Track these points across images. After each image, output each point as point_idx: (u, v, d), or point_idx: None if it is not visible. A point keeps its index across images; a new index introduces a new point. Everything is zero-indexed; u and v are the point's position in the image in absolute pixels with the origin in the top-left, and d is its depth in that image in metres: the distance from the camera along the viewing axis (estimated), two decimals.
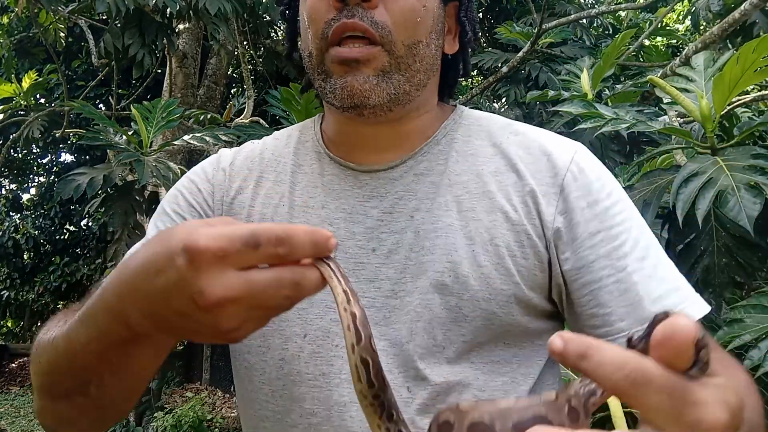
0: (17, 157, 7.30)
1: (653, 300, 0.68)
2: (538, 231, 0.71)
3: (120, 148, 2.08)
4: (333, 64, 0.69)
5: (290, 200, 0.78)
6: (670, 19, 5.30)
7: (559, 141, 0.77)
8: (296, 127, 0.88)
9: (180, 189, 0.82)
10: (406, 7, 0.69)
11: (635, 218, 0.73)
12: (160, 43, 3.47)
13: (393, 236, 0.74)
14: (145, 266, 0.47)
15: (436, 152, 0.77)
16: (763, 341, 1.03)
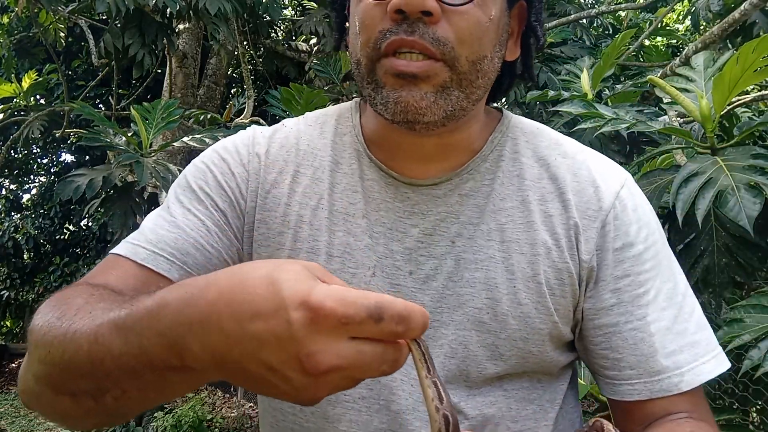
0: (17, 157, 7.30)
1: (667, 354, 0.67)
2: (577, 268, 0.69)
3: (120, 149, 2.08)
4: (387, 75, 0.63)
5: (330, 204, 0.73)
6: (670, 19, 5.30)
7: (608, 170, 0.73)
8: (331, 112, 0.80)
9: (209, 165, 0.75)
10: (471, 21, 0.62)
11: (665, 263, 0.71)
12: (160, 43, 3.46)
13: (432, 261, 0.70)
14: (234, 304, 0.42)
15: (483, 170, 0.72)
16: (763, 341, 1.03)
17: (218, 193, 0.74)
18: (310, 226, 0.72)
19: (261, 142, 0.77)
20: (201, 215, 0.72)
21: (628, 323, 0.68)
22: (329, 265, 0.71)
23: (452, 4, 0.60)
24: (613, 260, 0.69)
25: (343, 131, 0.77)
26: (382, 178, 0.73)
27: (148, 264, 0.68)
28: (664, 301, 0.69)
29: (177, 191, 0.75)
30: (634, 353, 0.67)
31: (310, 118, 0.80)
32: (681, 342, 0.68)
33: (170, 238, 0.69)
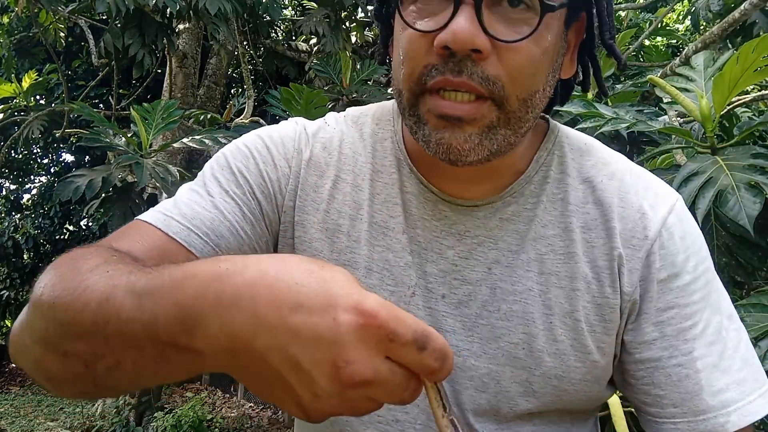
0: (17, 157, 7.30)
1: (713, 392, 0.63)
2: (618, 302, 0.65)
3: (120, 149, 2.08)
4: (430, 114, 0.59)
5: (369, 215, 0.69)
6: (670, 19, 5.30)
7: (657, 195, 0.68)
8: (371, 113, 0.76)
9: (252, 151, 0.72)
10: (524, 56, 0.56)
11: (714, 295, 0.66)
12: (160, 43, 3.47)
13: (466, 286, 0.67)
14: (276, 289, 0.39)
15: (527, 194, 0.68)
16: (763, 340, 1.02)
17: (257, 181, 0.70)
18: (348, 237, 0.69)
19: (306, 140, 0.73)
20: (238, 200, 0.68)
21: (673, 358, 0.64)
22: (368, 279, 0.68)
23: (505, 41, 0.55)
24: (658, 291, 0.65)
25: (383, 136, 0.73)
26: (421, 193, 0.69)
27: (180, 239, 0.63)
28: (712, 335, 0.65)
29: (215, 168, 0.71)
30: (678, 390, 0.64)
31: (351, 117, 0.76)
32: (728, 380, 0.63)
33: (207, 217, 0.66)
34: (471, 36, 0.53)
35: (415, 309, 0.67)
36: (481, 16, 0.54)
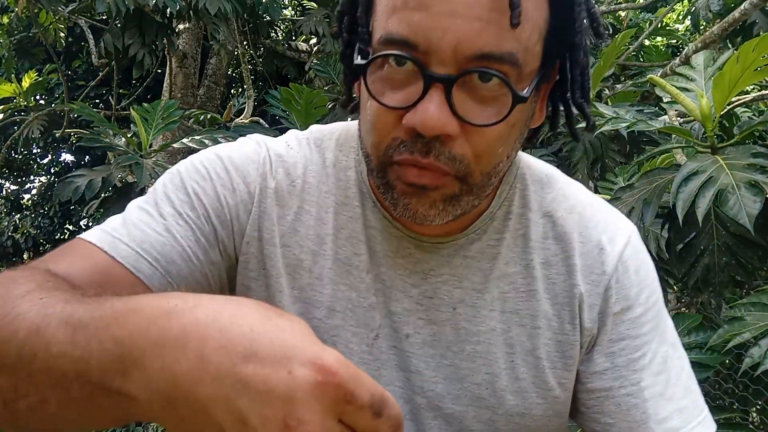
0: (17, 157, 7.30)
1: (659, 420, 0.64)
2: (578, 338, 0.66)
3: (119, 150, 2.08)
4: (398, 181, 0.58)
5: (333, 251, 0.66)
6: (670, 19, 5.30)
7: (613, 228, 0.69)
8: (334, 136, 0.72)
9: (210, 172, 0.67)
10: (492, 137, 0.55)
11: (662, 324, 0.68)
12: (160, 43, 3.47)
13: (431, 326, 0.66)
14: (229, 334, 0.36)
15: (491, 230, 0.67)
16: (763, 339, 1.03)
17: (214, 206, 0.66)
18: (310, 273, 0.66)
19: (270, 165, 0.69)
20: (192, 223, 0.64)
21: (622, 388, 0.65)
22: (330, 320, 0.65)
23: (476, 125, 0.54)
24: (612, 324, 0.66)
25: (347, 164, 0.70)
26: (386, 228, 0.66)
27: (128, 264, 0.59)
28: (659, 365, 0.66)
29: (168, 187, 0.66)
30: (627, 419, 0.65)
31: (314, 140, 0.72)
32: (672, 408, 0.65)
33: (158, 241, 0.61)
34: (441, 124, 0.52)
35: (378, 352, 0.66)
36: (451, 98, 0.52)
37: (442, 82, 0.52)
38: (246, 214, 0.67)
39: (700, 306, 2.01)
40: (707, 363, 1.10)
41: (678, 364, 0.68)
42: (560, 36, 0.58)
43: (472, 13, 0.51)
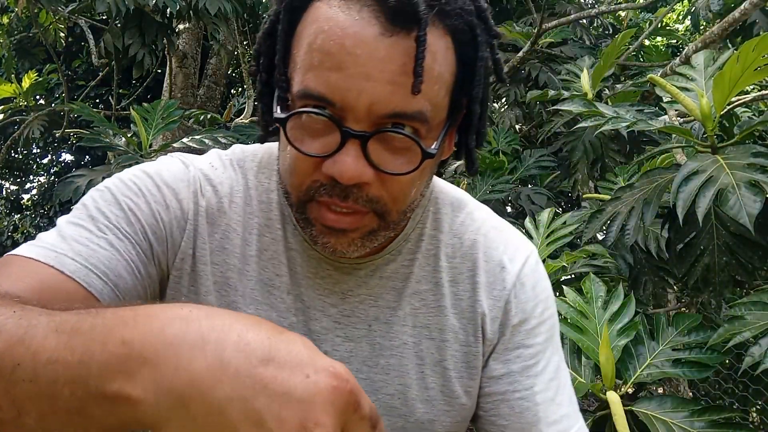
0: (17, 157, 7.30)
1: (549, 423, 0.70)
2: (481, 349, 0.72)
3: (120, 149, 2.08)
4: (317, 221, 0.61)
5: (257, 272, 0.69)
6: (670, 19, 5.30)
7: (514, 247, 0.75)
8: (257, 159, 0.74)
9: (142, 188, 0.67)
10: (405, 182, 0.60)
11: (555, 336, 0.75)
12: (160, 43, 3.47)
13: (348, 343, 0.70)
14: (247, 337, 0.37)
15: (405, 251, 0.72)
16: (763, 338, 1.02)
17: (149, 221, 0.66)
18: (235, 292, 0.68)
19: (200, 184, 0.70)
20: (131, 238, 0.64)
21: (517, 392, 0.71)
22: None
23: (390, 173, 0.58)
24: (509, 334, 0.72)
25: (270, 187, 0.72)
26: (305, 250, 0.70)
27: (78, 278, 0.58)
28: (551, 372, 0.72)
29: (101, 203, 0.65)
30: (520, 421, 0.70)
31: (237, 161, 0.74)
32: (561, 412, 0.71)
33: (104, 256, 0.61)
34: (358, 174, 0.56)
35: None
36: (366, 150, 0.56)
37: (358, 137, 0.56)
38: (180, 231, 0.68)
39: (700, 306, 2.01)
40: (707, 363, 1.10)
41: (565, 375, 0.75)
42: (466, 87, 0.62)
43: (384, 77, 0.55)
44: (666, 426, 1.05)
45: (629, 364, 1.17)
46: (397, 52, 0.55)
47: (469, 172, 0.74)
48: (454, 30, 0.59)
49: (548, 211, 1.69)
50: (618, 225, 1.34)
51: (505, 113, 3.31)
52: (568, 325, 1.22)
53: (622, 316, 1.20)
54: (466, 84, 0.62)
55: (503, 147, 2.80)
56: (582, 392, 1.12)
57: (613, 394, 1.08)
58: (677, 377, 1.12)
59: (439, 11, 0.57)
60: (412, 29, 0.55)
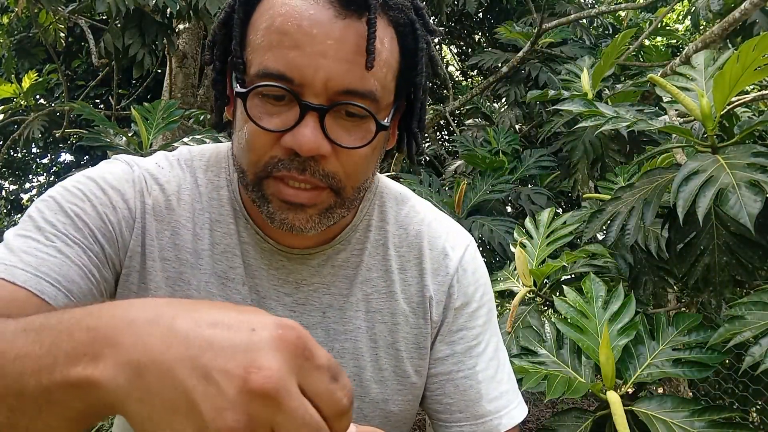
0: (17, 157, 7.30)
1: (490, 400, 0.76)
2: (429, 330, 0.77)
3: (120, 149, 2.08)
4: (274, 197, 0.64)
5: (210, 265, 0.71)
6: (670, 19, 5.30)
7: (455, 236, 0.81)
8: (206, 157, 0.77)
9: (86, 193, 0.68)
10: (359, 158, 0.64)
11: (493, 319, 0.81)
12: (160, 43, 3.46)
13: None
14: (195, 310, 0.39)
15: (354, 241, 0.77)
16: (764, 338, 1.02)
17: (97, 224, 0.67)
18: (189, 286, 0.70)
19: (145, 183, 0.72)
20: (81, 243, 0.65)
21: (460, 372, 0.76)
22: None
23: (345, 147, 0.62)
24: (453, 317, 0.77)
25: (219, 184, 0.75)
26: (258, 243, 0.73)
27: (30, 287, 0.59)
28: (491, 352, 0.78)
29: (46, 213, 0.66)
30: (464, 398, 0.76)
31: (184, 161, 0.76)
32: (500, 389, 0.77)
33: (54, 263, 0.62)
34: (316, 145, 0.60)
35: None
36: (324, 125, 0.60)
37: (316, 110, 0.60)
38: (129, 230, 0.70)
39: (700, 306, 2.01)
40: (707, 362, 1.10)
41: (503, 355, 0.81)
42: (408, 76, 0.68)
43: (339, 55, 0.60)
44: (666, 426, 1.05)
45: (629, 364, 1.17)
46: (351, 34, 0.60)
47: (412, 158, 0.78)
48: (396, 22, 0.65)
49: (548, 211, 1.69)
50: (618, 225, 1.34)
51: (505, 113, 3.31)
52: (568, 325, 1.22)
53: (622, 316, 1.20)
54: (409, 72, 0.68)
55: (503, 147, 2.80)
56: (582, 392, 1.12)
57: (613, 393, 1.08)
58: (677, 377, 1.12)
59: (384, 3, 0.64)
60: (363, 14, 0.60)
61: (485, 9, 4.89)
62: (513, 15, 4.28)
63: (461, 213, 2.37)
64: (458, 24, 5.13)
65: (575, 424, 1.15)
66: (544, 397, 1.11)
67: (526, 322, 1.42)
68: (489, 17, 4.97)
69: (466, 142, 2.95)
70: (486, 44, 4.93)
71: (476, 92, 3.34)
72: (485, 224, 2.24)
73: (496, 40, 3.91)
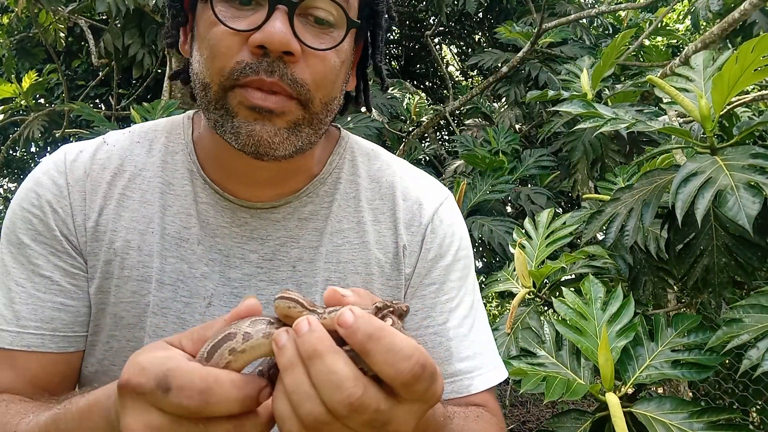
0: (16, 156, 7.30)
1: (461, 359, 0.72)
2: (403, 281, 0.74)
3: None
4: (240, 106, 0.61)
5: (161, 227, 0.70)
6: (670, 19, 5.30)
7: (431, 189, 0.80)
8: (161, 127, 0.77)
9: (30, 210, 0.69)
10: (328, 65, 0.63)
11: (470, 277, 0.78)
12: (160, 43, 3.46)
13: (273, 286, 0.71)
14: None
15: (322, 194, 0.75)
16: (762, 341, 1.02)
17: (51, 236, 0.69)
18: (139, 252, 0.70)
19: (78, 165, 0.71)
20: (46, 272, 0.68)
21: (430, 327, 0.73)
22: (160, 292, 0.69)
23: (315, 48, 0.61)
24: (425, 269, 0.74)
25: (174, 149, 0.74)
26: (218, 202, 0.71)
27: (17, 347, 0.65)
28: (465, 310, 0.75)
29: (12, 251, 0.69)
30: (433, 356, 0.71)
31: (137, 134, 0.77)
32: (474, 349, 0.73)
33: (27, 311, 0.66)
34: (286, 39, 0.58)
35: (211, 319, 0.70)
36: (293, 23, 0.59)
37: (285, 4, 0.58)
38: (73, 225, 0.70)
39: (700, 306, 2.01)
40: (706, 364, 1.10)
41: (482, 317, 0.77)
42: (370, 3, 0.68)
43: None
44: (665, 427, 1.05)
45: (628, 365, 1.17)
46: None
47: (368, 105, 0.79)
48: None
49: (548, 212, 1.69)
50: (617, 225, 1.34)
51: (505, 113, 3.31)
52: (567, 326, 1.22)
53: (621, 317, 1.20)
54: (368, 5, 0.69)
55: (503, 147, 2.80)
56: (581, 393, 1.12)
57: (612, 395, 1.08)
58: (676, 378, 1.12)
59: None
60: None
61: (485, 9, 4.89)
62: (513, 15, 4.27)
63: (461, 213, 2.37)
64: (458, 24, 5.13)
65: (574, 426, 1.16)
66: (544, 399, 1.11)
67: (525, 324, 1.42)
68: (489, 17, 4.96)
69: (466, 142, 2.95)
70: (486, 44, 4.93)
71: (476, 92, 3.34)
72: (485, 224, 2.24)
73: (496, 40, 3.91)
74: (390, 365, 0.37)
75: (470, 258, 0.79)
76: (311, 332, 0.39)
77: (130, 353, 0.65)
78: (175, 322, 0.69)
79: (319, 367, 0.38)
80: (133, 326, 0.68)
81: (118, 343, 0.69)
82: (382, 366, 0.38)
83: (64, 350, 0.67)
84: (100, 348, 0.69)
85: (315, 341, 0.39)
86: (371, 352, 0.37)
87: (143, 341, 0.67)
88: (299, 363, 0.39)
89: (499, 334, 1.45)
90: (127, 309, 0.68)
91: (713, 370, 1.10)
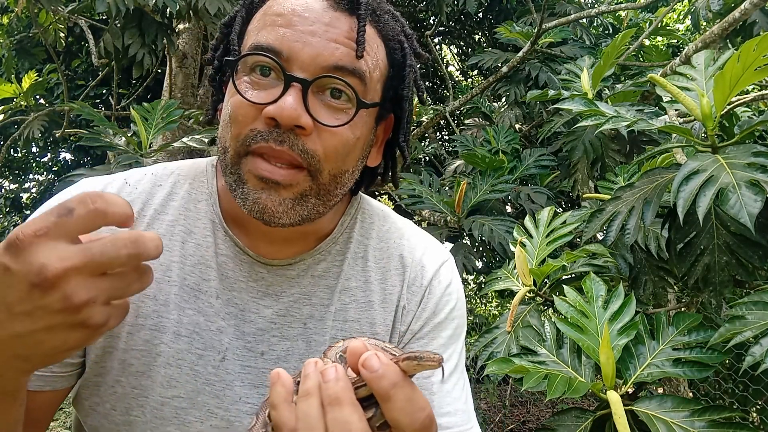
0: (16, 156, 7.30)
1: (441, 414, 0.73)
2: (396, 338, 0.76)
3: (120, 149, 2.08)
4: (250, 174, 0.63)
5: (180, 278, 0.70)
6: (670, 19, 5.30)
7: (434, 250, 0.82)
8: (185, 172, 0.77)
9: None
10: (340, 139, 0.64)
11: (461, 339, 0.80)
12: (160, 43, 3.46)
13: (284, 342, 0.72)
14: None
15: (335, 252, 0.77)
16: (764, 338, 1.02)
17: None
18: (155, 301, 0.69)
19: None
20: None
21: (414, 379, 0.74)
22: (176, 344, 0.69)
23: (325, 124, 0.63)
24: (418, 326, 0.76)
25: (197, 197, 0.75)
26: (237, 255, 0.72)
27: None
28: (450, 366, 0.76)
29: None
30: None
31: (160, 176, 0.76)
32: (455, 406, 0.75)
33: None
34: (297, 114, 0.60)
35: (224, 373, 0.70)
36: (306, 99, 0.61)
37: (300, 82, 0.61)
38: None
39: (700, 305, 2.01)
40: (707, 362, 1.10)
41: (464, 377, 0.79)
42: (396, 87, 0.71)
43: (329, 36, 0.62)
44: (666, 425, 1.04)
45: (629, 364, 1.17)
46: (341, 23, 0.63)
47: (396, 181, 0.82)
48: (386, 35, 0.68)
49: (548, 210, 1.69)
50: (618, 224, 1.34)
51: (505, 113, 3.31)
52: (568, 325, 1.22)
53: (622, 316, 1.20)
54: (397, 83, 0.71)
55: (503, 146, 2.80)
56: (582, 392, 1.12)
57: (613, 393, 1.08)
58: (677, 377, 1.12)
59: (373, 13, 0.67)
60: (354, 12, 0.64)
61: (485, 9, 4.89)
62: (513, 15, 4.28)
63: (461, 212, 2.37)
64: (458, 24, 5.13)
65: (575, 424, 1.15)
66: (544, 397, 1.10)
67: (525, 322, 1.42)
68: (489, 17, 4.97)
69: (466, 141, 2.95)
70: (486, 44, 4.93)
71: (476, 92, 3.34)
72: (485, 224, 2.24)
73: (496, 40, 3.91)
74: (407, 414, 0.42)
75: (463, 320, 0.82)
76: (337, 381, 0.45)
77: (133, 401, 0.64)
78: (188, 373, 0.69)
79: (337, 414, 0.43)
80: (140, 374, 0.68)
81: (122, 389, 0.68)
82: (398, 413, 0.43)
83: (40, 389, 0.68)
84: (105, 390, 0.68)
85: (339, 390, 0.44)
86: (393, 399, 0.42)
87: (149, 390, 0.67)
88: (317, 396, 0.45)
89: (500, 333, 1.45)
90: (137, 357, 0.68)
91: (714, 368, 1.10)
